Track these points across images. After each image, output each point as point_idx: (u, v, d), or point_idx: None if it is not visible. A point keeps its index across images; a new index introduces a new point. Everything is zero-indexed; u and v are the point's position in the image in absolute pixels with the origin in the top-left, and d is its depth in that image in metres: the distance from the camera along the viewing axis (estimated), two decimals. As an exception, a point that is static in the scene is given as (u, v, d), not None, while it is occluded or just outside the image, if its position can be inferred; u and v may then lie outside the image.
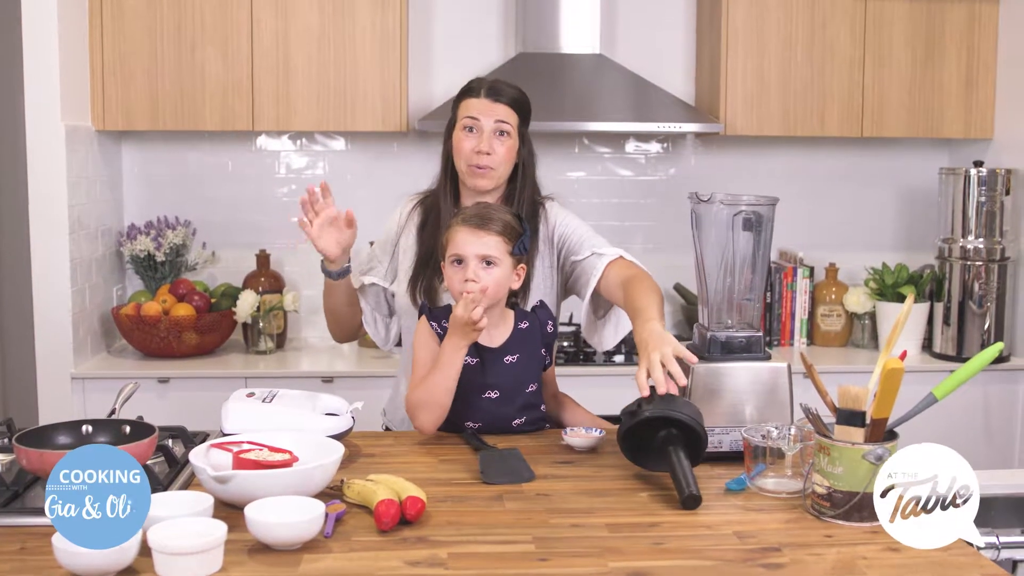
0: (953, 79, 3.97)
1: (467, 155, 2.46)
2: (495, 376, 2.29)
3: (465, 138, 2.47)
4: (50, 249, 3.52)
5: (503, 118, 2.47)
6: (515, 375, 2.31)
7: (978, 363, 1.81)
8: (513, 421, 2.33)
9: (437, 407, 2.23)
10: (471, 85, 2.54)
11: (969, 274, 3.85)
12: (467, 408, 2.29)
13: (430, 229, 2.52)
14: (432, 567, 1.57)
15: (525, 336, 2.34)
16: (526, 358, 2.33)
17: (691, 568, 1.59)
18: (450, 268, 2.25)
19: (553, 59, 3.95)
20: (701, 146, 4.27)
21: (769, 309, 4.10)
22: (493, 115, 2.47)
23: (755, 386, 2.13)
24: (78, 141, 3.61)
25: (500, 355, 2.30)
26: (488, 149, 2.45)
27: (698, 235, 2.22)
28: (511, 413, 2.32)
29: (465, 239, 2.23)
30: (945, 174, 3.93)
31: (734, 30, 3.89)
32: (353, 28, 3.78)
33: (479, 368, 2.27)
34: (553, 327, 2.39)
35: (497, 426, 2.31)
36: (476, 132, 2.46)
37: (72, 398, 3.53)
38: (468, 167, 2.46)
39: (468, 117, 2.47)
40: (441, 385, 2.21)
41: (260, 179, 4.16)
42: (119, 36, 3.70)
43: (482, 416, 2.31)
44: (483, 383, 2.29)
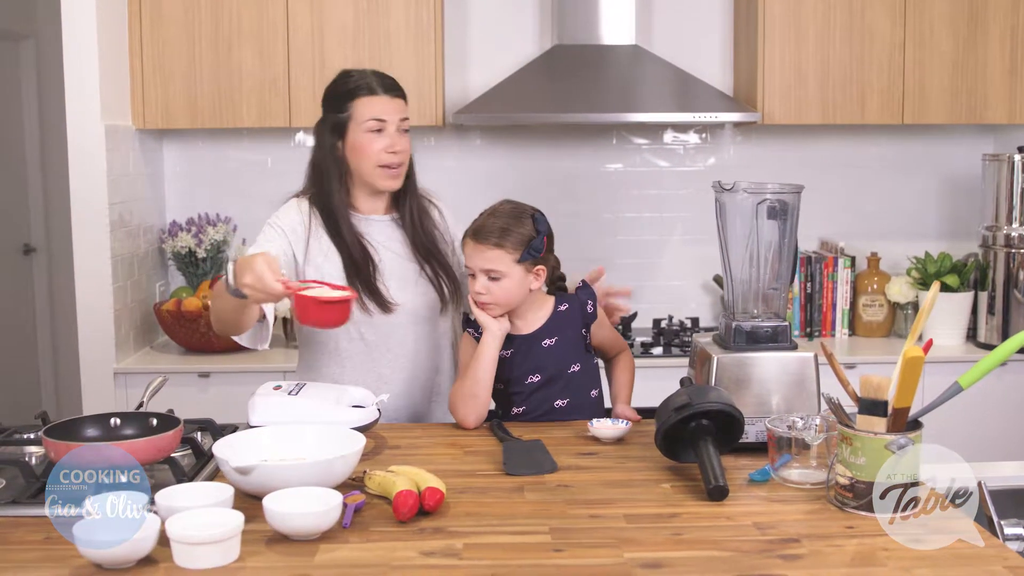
0: (997, 63, 3.89)
1: (376, 156, 2.42)
2: (534, 360, 2.36)
3: (373, 140, 2.42)
4: (92, 246, 3.58)
5: (405, 114, 2.47)
6: (555, 357, 2.37)
7: (1004, 351, 1.77)
8: (555, 402, 2.38)
9: (472, 399, 2.30)
10: (361, 83, 2.46)
11: (1014, 262, 3.78)
12: (512, 395, 2.38)
13: (343, 233, 2.46)
14: (446, 557, 1.58)
15: (564, 319, 2.40)
16: (565, 340, 2.39)
17: (707, 559, 1.58)
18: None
19: (590, 51, 3.94)
20: (740, 136, 4.24)
21: (809, 300, 4.05)
22: (398, 112, 2.45)
23: (782, 376, 2.12)
24: (119, 140, 3.67)
25: (536, 340, 2.36)
26: (399, 147, 2.44)
27: (723, 224, 2.21)
28: (553, 394, 2.37)
29: (470, 253, 2.31)
30: (989, 160, 3.86)
31: (771, 17, 3.85)
32: (388, 23, 3.79)
33: (518, 356, 2.34)
34: (593, 307, 2.43)
35: (542, 409, 2.37)
36: (383, 133, 2.43)
37: (115, 392, 3.59)
38: (378, 168, 2.43)
39: (374, 119, 2.42)
40: (476, 376, 2.29)
41: (299, 175, 4.15)
42: (157, 37, 3.75)
43: (525, 400, 2.37)
44: (524, 369, 2.36)
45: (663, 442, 1.98)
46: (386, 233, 2.53)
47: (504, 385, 2.37)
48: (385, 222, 2.55)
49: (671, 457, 2.00)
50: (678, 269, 4.27)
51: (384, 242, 2.52)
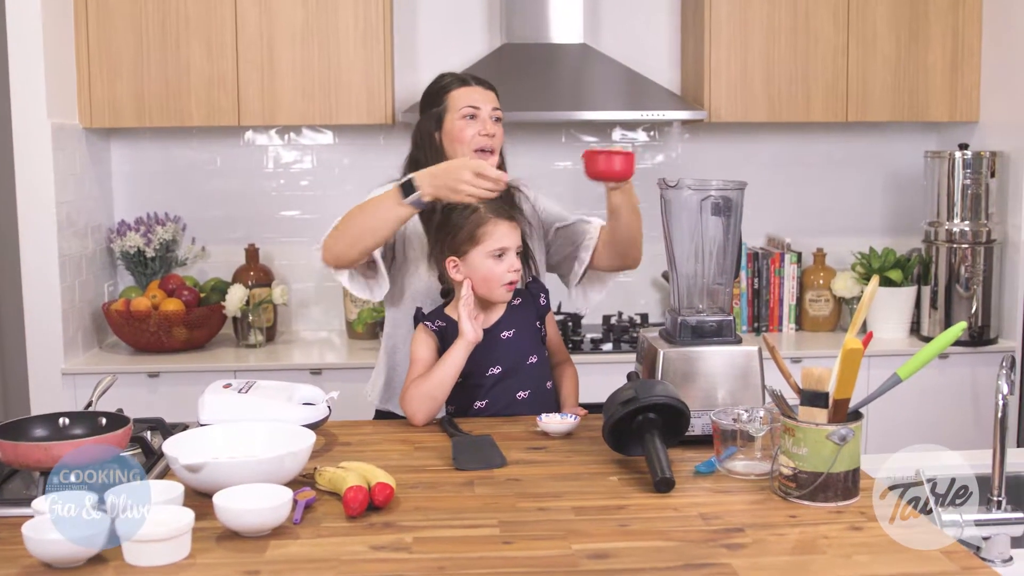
0: (938, 63, 3.97)
1: (471, 140, 2.56)
2: (494, 352, 2.39)
3: (467, 126, 2.57)
4: (39, 247, 3.55)
5: (496, 104, 2.62)
6: (514, 349, 2.42)
7: (942, 343, 1.81)
8: (517, 394, 2.41)
9: (431, 400, 2.33)
10: (454, 78, 2.65)
11: (955, 257, 3.86)
12: (474, 389, 2.40)
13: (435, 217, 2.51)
14: (396, 551, 1.60)
15: (518, 312, 2.46)
16: (522, 332, 2.44)
17: (653, 549, 1.61)
18: (491, 260, 2.35)
19: (538, 49, 3.97)
20: (688, 134, 4.29)
21: (757, 295, 4.11)
22: (489, 102, 2.61)
23: (727, 370, 2.15)
24: (65, 139, 3.64)
25: (495, 332, 2.41)
26: (492, 131, 2.58)
27: (668, 220, 2.24)
28: (515, 386, 2.41)
29: (506, 232, 2.36)
30: (931, 157, 3.94)
31: (718, 17, 3.89)
32: (337, 21, 3.79)
33: (478, 350, 2.36)
34: (546, 300, 2.51)
35: (504, 402, 2.41)
36: (476, 119, 2.57)
37: (64, 393, 3.56)
38: (473, 152, 2.55)
39: (469, 107, 2.57)
40: (441, 379, 2.32)
41: (248, 174, 4.19)
42: (104, 34, 3.72)
43: (487, 393, 2.41)
44: (484, 362, 2.39)
45: (611, 436, 2.01)
46: None
47: (464, 379, 2.37)
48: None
49: (619, 450, 2.03)
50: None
51: None
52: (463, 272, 2.36)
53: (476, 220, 2.36)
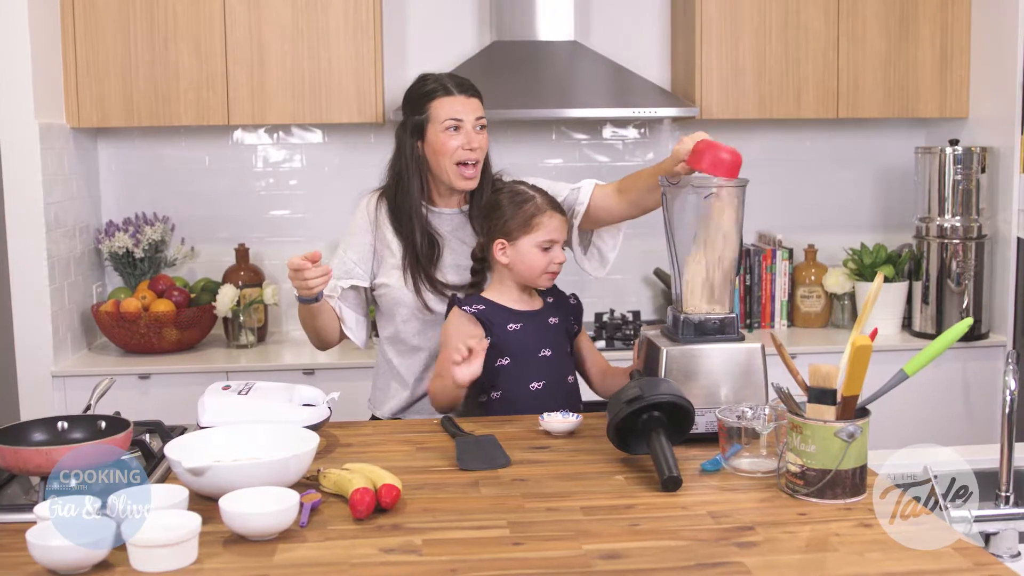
0: (927, 59, 3.98)
1: (453, 153, 2.51)
2: (502, 344, 2.40)
3: (450, 138, 2.52)
4: (27, 247, 3.52)
5: (480, 113, 2.56)
6: (524, 343, 2.42)
7: (947, 339, 1.81)
8: (531, 385, 2.41)
9: (455, 401, 2.38)
10: (437, 84, 2.58)
11: (946, 252, 3.87)
12: (485, 377, 2.35)
13: (410, 224, 2.57)
14: (406, 554, 1.58)
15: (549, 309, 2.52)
16: (529, 327, 2.45)
17: (664, 548, 1.60)
18: (538, 250, 2.38)
19: (528, 47, 3.95)
20: (678, 130, 4.28)
21: (749, 292, 4.11)
22: (473, 111, 2.55)
23: (730, 367, 2.15)
24: (53, 139, 3.60)
25: (502, 324, 2.42)
26: (476, 144, 2.53)
27: (670, 218, 2.23)
28: (527, 376, 2.42)
29: (557, 226, 2.40)
30: (921, 153, 3.95)
31: (708, 13, 3.89)
32: (327, 20, 3.77)
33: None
34: (576, 299, 2.59)
35: (516, 392, 2.41)
36: (460, 131, 2.52)
37: (53, 395, 3.53)
38: (455, 166, 2.52)
39: (451, 119, 2.52)
40: (458, 395, 2.35)
41: (238, 173, 4.16)
42: (91, 33, 3.69)
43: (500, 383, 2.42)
44: (493, 353, 2.37)
45: (615, 434, 2.00)
46: (454, 224, 2.62)
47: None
48: (454, 214, 2.62)
49: (623, 449, 2.02)
50: (619, 263, 4.20)
51: (452, 231, 2.61)
52: (509, 256, 2.40)
53: (532, 209, 2.40)
